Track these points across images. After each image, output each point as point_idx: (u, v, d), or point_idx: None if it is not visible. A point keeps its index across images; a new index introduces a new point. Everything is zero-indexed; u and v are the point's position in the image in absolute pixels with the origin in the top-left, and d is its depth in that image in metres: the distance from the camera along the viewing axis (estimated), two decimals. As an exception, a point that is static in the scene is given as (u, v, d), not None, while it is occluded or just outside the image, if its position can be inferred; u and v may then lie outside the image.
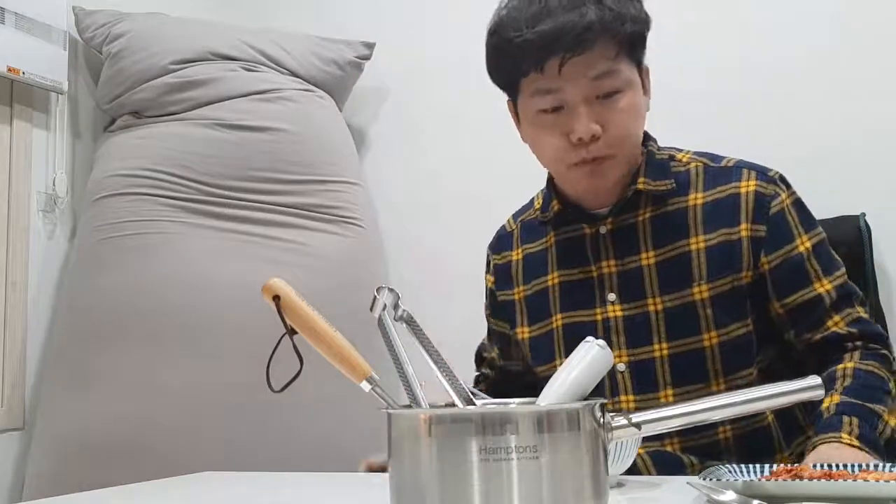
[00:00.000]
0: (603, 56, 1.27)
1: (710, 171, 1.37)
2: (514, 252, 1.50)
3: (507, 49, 1.31)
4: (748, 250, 1.31)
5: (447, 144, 2.52)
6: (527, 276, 1.46)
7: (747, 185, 1.34)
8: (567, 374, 0.83)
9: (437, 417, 0.74)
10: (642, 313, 1.33)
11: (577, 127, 1.28)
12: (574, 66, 1.26)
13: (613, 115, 1.29)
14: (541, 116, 1.32)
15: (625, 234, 1.36)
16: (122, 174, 2.16)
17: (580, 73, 1.27)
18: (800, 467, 1.00)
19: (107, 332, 2.03)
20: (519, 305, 1.47)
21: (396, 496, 0.78)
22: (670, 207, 1.35)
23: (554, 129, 1.31)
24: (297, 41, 2.44)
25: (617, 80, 1.29)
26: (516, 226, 1.52)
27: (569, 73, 1.27)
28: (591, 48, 1.26)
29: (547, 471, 0.72)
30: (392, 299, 0.87)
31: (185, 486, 1.32)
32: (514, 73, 1.33)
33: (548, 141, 1.32)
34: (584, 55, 1.26)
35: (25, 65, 2.09)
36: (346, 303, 1.62)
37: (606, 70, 1.28)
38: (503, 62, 1.34)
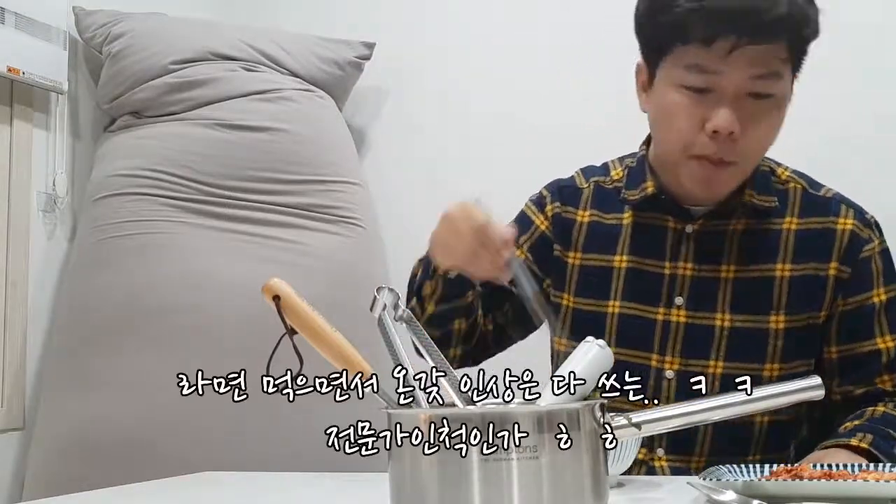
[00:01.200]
0: (775, 55, 1.17)
1: (807, 197, 1.31)
2: (580, 211, 1.38)
3: (676, 9, 1.17)
4: (831, 290, 1.26)
5: (447, 144, 2.52)
6: (589, 245, 1.35)
7: (844, 223, 1.28)
8: (567, 373, 0.83)
9: (437, 417, 0.74)
10: (707, 326, 1.26)
11: (719, 119, 1.17)
12: (744, 55, 1.15)
13: (757, 122, 1.20)
14: (682, 92, 1.20)
15: (710, 240, 1.29)
16: (122, 174, 2.16)
17: (747, 64, 1.16)
18: (800, 467, 1.00)
19: (107, 332, 2.03)
20: (570, 271, 1.36)
21: (396, 496, 0.78)
22: (764, 226, 1.28)
23: (692, 112, 1.20)
24: (297, 41, 2.44)
25: (775, 86, 1.19)
26: (588, 185, 1.40)
27: (736, 60, 1.16)
28: (770, 42, 1.16)
29: (547, 471, 0.73)
30: (392, 299, 0.87)
31: (185, 486, 1.32)
32: (673, 36, 1.19)
33: (680, 121, 1.21)
34: (762, 47, 1.15)
35: (25, 65, 2.09)
36: (346, 303, 1.62)
37: (772, 71, 1.18)
38: (664, 20, 1.19)
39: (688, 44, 1.18)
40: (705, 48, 1.16)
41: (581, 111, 2.36)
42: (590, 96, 2.36)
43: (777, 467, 1.02)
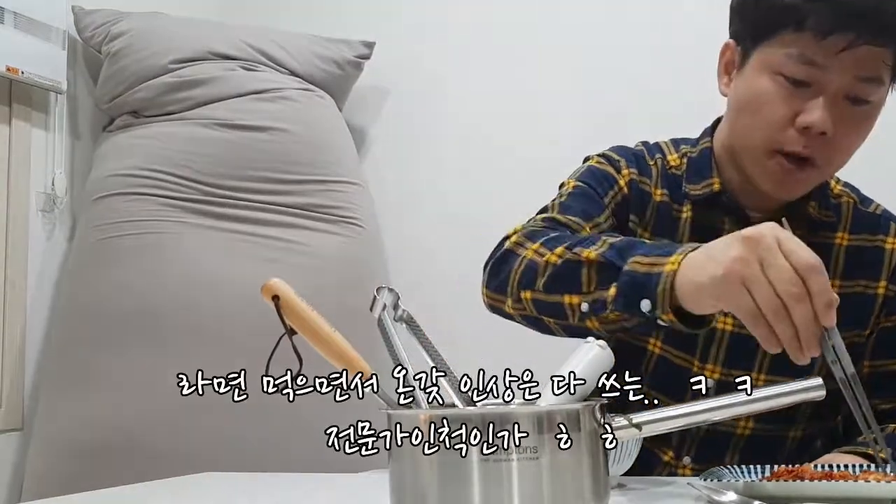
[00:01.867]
0: (882, 59, 1.12)
1: (858, 214, 1.28)
2: (654, 187, 1.28)
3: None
4: (879, 309, 1.25)
5: (447, 144, 2.51)
6: (659, 230, 1.27)
7: (894, 242, 1.27)
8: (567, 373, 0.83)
9: (437, 417, 0.73)
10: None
11: (813, 115, 1.12)
12: (854, 55, 1.09)
13: (849, 127, 1.15)
14: (778, 81, 1.13)
15: None
16: (121, 174, 2.16)
17: (856, 65, 1.11)
18: (800, 468, 0.99)
19: (106, 332, 2.03)
20: None
21: (396, 496, 0.77)
22: (817, 239, 1.23)
23: (786, 102, 1.13)
24: (297, 41, 2.44)
25: (876, 92, 1.14)
26: (655, 162, 1.31)
27: (845, 58, 1.10)
28: (885, 46, 1.10)
29: (547, 471, 0.72)
30: (392, 299, 0.87)
31: (185, 486, 1.32)
32: (786, 20, 1.12)
33: (770, 111, 1.14)
34: (878, 50, 1.10)
35: (24, 64, 2.09)
36: (346, 303, 1.62)
37: (876, 77, 1.13)
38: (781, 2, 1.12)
39: (800, 32, 1.10)
40: (818, 40, 1.09)
41: (582, 111, 2.36)
42: (591, 96, 2.36)
43: (777, 468, 1.02)
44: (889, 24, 1.10)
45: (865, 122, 1.17)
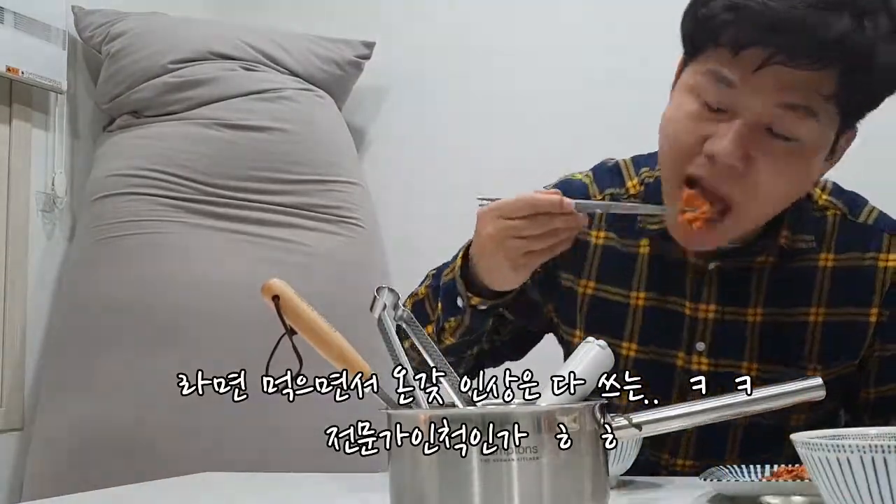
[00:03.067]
0: (815, 87, 0.96)
1: (845, 227, 1.13)
2: (594, 231, 1.19)
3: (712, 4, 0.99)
4: (871, 337, 1.12)
5: (447, 144, 2.51)
6: (604, 274, 1.18)
7: (886, 260, 1.11)
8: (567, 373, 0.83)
9: (437, 417, 0.73)
10: (732, 374, 1.07)
11: (720, 142, 0.99)
12: (775, 74, 0.96)
13: (769, 165, 1.00)
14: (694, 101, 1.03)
15: (735, 279, 1.12)
16: (121, 174, 2.16)
17: (776, 88, 0.97)
18: (800, 468, 0.99)
19: (106, 332, 2.03)
20: (581, 302, 1.19)
21: (396, 496, 0.77)
22: (797, 263, 1.12)
23: (697, 125, 1.02)
24: (297, 41, 2.44)
25: (802, 126, 0.98)
26: (603, 197, 1.21)
27: (764, 80, 0.97)
28: (811, 68, 0.95)
29: (547, 471, 0.72)
30: (392, 299, 0.87)
31: (185, 486, 1.32)
32: (706, 36, 1.01)
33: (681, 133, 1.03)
34: (798, 71, 0.95)
35: (24, 64, 2.09)
36: (346, 303, 1.62)
37: (803, 106, 0.97)
38: (701, 16, 1.01)
39: (716, 47, 0.99)
40: (731, 55, 0.97)
41: (583, 111, 2.36)
42: (592, 96, 2.36)
43: (778, 468, 1.02)
44: (813, 42, 0.94)
45: (794, 164, 1.01)
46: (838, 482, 0.70)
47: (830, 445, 0.69)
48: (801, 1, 0.93)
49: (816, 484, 0.73)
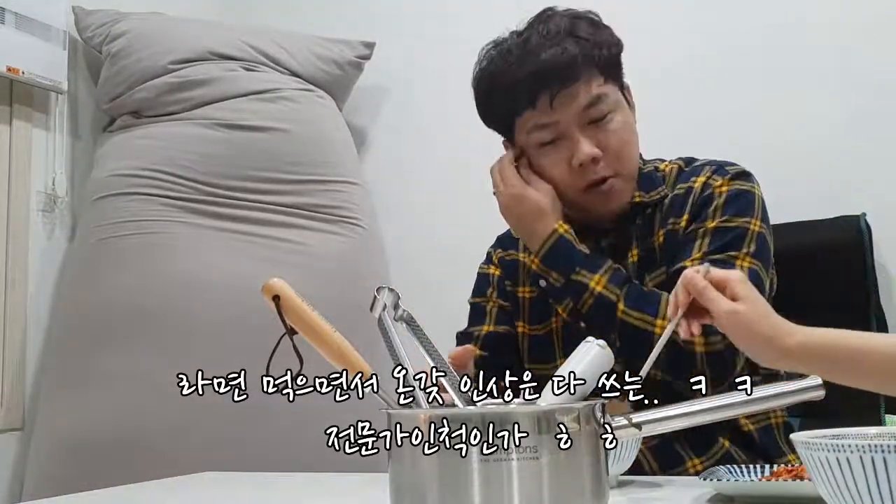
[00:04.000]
0: (589, 84, 1.36)
1: (681, 173, 1.45)
2: (521, 254, 1.53)
3: (499, 92, 1.40)
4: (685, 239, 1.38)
5: (447, 144, 2.51)
6: (533, 281, 1.48)
7: (702, 180, 1.40)
8: (567, 373, 0.83)
9: (437, 417, 0.73)
10: None
11: (578, 153, 1.36)
12: (564, 98, 1.35)
13: (609, 136, 1.37)
14: (542, 150, 1.39)
15: (623, 247, 1.42)
16: (121, 174, 2.16)
17: (571, 103, 1.35)
18: (800, 467, 1.00)
19: (106, 332, 2.03)
20: (522, 303, 1.50)
21: (396, 496, 0.77)
22: (651, 210, 1.42)
23: (557, 159, 1.38)
24: (297, 41, 2.44)
25: (606, 104, 1.37)
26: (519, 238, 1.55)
27: (560, 104, 1.35)
28: (578, 79, 1.35)
29: (547, 471, 0.73)
30: (392, 299, 0.87)
31: (185, 486, 1.32)
32: (509, 113, 1.41)
33: (554, 171, 1.39)
34: (572, 86, 1.35)
35: (25, 64, 2.09)
36: (346, 303, 1.62)
37: (595, 96, 1.36)
38: (496, 105, 1.43)
39: (521, 113, 1.38)
40: (534, 109, 1.37)
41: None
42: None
43: (777, 468, 1.02)
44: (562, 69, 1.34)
45: (622, 122, 1.39)
46: (838, 482, 0.70)
47: (830, 445, 0.69)
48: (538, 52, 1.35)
49: (816, 484, 0.73)
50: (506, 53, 1.40)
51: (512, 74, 1.38)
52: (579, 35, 1.38)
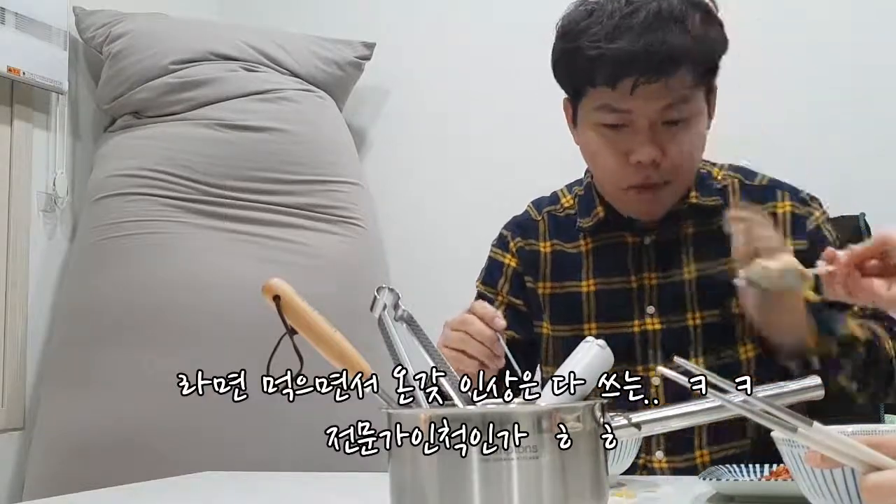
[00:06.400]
0: (679, 84, 1.23)
1: (745, 189, 1.37)
2: (541, 243, 1.43)
3: (579, 57, 1.25)
4: None
5: (447, 144, 2.52)
6: (556, 275, 1.41)
7: (783, 206, 1.34)
8: (567, 373, 0.83)
9: (437, 417, 0.74)
10: (681, 327, 1.32)
11: (639, 151, 1.25)
12: (648, 91, 1.22)
13: (677, 143, 1.26)
14: (601, 130, 1.28)
15: (668, 247, 1.35)
16: (122, 174, 2.16)
17: (653, 97, 1.23)
18: (800, 467, 0.99)
19: (107, 332, 2.03)
20: (543, 300, 1.41)
21: (396, 496, 0.78)
22: (714, 225, 1.32)
23: (614, 148, 1.27)
24: (297, 41, 2.44)
25: (687, 109, 1.26)
26: (542, 217, 1.46)
27: (641, 95, 1.23)
28: (670, 75, 1.22)
29: (547, 471, 0.73)
30: (392, 299, 0.87)
31: (185, 486, 1.32)
32: (583, 81, 1.28)
33: (605, 158, 1.29)
34: (661, 81, 1.22)
35: (26, 65, 2.09)
36: (347, 303, 1.62)
37: (680, 98, 1.24)
38: (572, 68, 1.29)
39: (596, 87, 1.26)
40: (611, 90, 1.24)
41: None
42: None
43: (777, 467, 1.02)
44: (662, 61, 1.21)
45: (692, 133, 1.27)
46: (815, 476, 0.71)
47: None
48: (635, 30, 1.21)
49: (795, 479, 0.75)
50: (605, 16, 1.23)
51: (602, 44, 1.22)
52: (688, 26, 1.23)
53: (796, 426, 0.65)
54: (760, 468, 1.03)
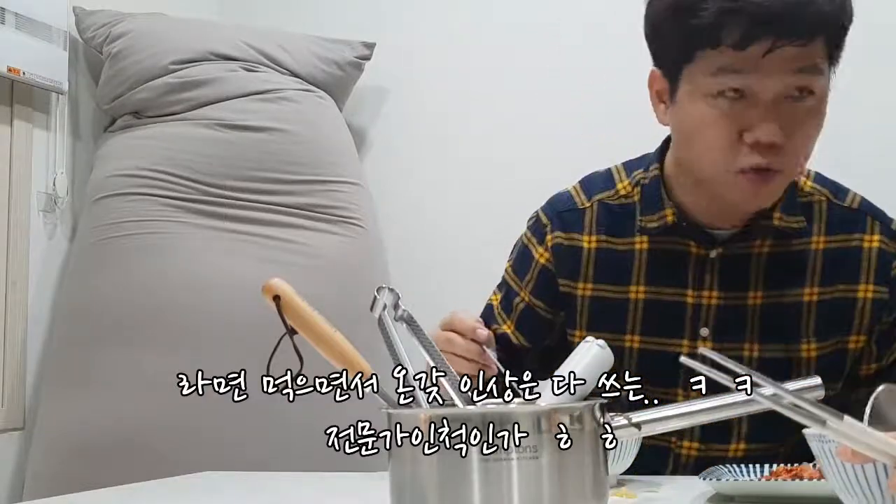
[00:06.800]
0: (816, 52, 1.07)
1: (834, 211, 1.22)
2: (585, 237, 1.26)
3: (704, 11, 1.05)
4: (868, 313, 1.19)
5: (447, 144, 2.52)
6: (600, 275, 1.25)
7: (871, 240, 1.20)
8: (567, 373, 0.83)
9: (437, 417, 0.74)
10: (736, 356, 1.12)
11: (762, 128, 1.07)
12: (781, 56, 1.05)
13: (802, 125, 1.10)
14: (714, 103, 1.09)
15: (735, 265, 1.19)
16: (122, 174, 2.16)
17: (785, 64, 1.06)
18: (800, 468, 1.00)
19: (107, 332, 2.03)
20: (581, 304, 1.26)
21: (396, 496, 0.77)
22: (791, 247, 1.19)
23: (727, 122, 1.09)
24: (297, 41, 2.44)
25: (816, 83, 1.09)
26: (591, 205, 1.28)
27: (773, 61, 1.05)
28: (811, 40, 1.05)
29: (547, 471, 0.73)
30: (392, 299, 0.87)
31: (185, 486, 1.32)
32: (702, 41, 1.07)
33: (715, 134, 1.10)
34: (798, 47, 1.05)
35: (26, 65, 2.09)
36: (346, 303, 1.62)
37: (811, 67, 1.08)
38: (686, 24, 1.07)
39: (718, 47, 1.06)
40: (739, 51, 1.05)
41: (584, 112, 2.36)
42: (593, 97, 2.36)
43: (777, 467, 1.02)
44: (808, 22, 1.05)
45: (816, 115, 1.12)
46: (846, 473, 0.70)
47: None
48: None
49: (827, 475, 0.74)
50: None
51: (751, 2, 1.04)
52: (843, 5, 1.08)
53: (825, 419, 0.61)
54: (761, 468, 1.03)
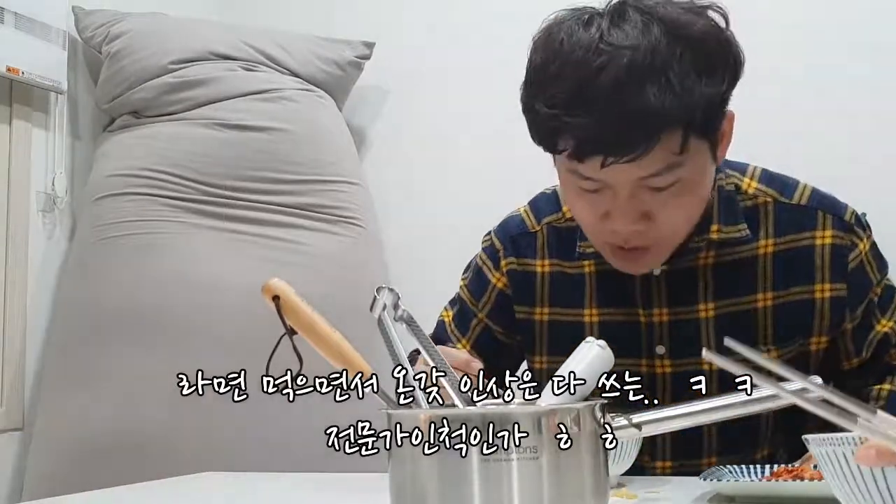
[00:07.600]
0: (664, 151, 1.00)
1: (781, 211, 1.18)
2: (538, 262, 1.27)
3: (539, 117, 1.05)
4: (827, 313, 1.17)
5: (447, 144, 2.51)
6: (555, 298, 1.25)
7: (823, 236, 1.16)
8: (567, 373, 0.83)
9: (437, 417, 0.73)
10: (695, 371, 1.11)
11: (619, 221, 1.05)
12: (620, 168, 1.01)
13: (664, 205, 1.05)
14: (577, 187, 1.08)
15: (681, 280, 1.17)
16: (121, 174, 2.16)
17: (628, 172, 1.01)
18: (800, 468, 1.00)
19: (106, 332, 2.03)
20: (539, 329, 1.26)
21: (396, 496, 0.77)
22: (737, 255, 1.16)
23: (589, 206, 1.08)
24: (297, 41, 2.44)
25: (677, 174, 1.03)
26: (541, 228, 1.28)
27: (614, 171, 1.01)
28: (647, 151, 0.99)
29: (547, 471, 0.72)
30: (392, 299, 0.87)
31: (186, 486, 1.32)
32: (548, 146, 1.08)
33: (581, 211, 1.10)
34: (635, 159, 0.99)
35: (25, 64, 2.09)
36: (346, 303, 1.62)
37: (665, 166, 1.02)
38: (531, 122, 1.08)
39: (560, 153, 1.06)
40: (578, 162, 1.03)
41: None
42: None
43: (777, 467, 1.02)
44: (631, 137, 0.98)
45: (691, 194, 1.07)
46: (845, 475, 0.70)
47: (837, 439, 0.69)
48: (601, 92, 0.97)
49: (827, 479, 0.74)
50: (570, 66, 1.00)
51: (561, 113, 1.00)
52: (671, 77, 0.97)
53: (857, 415, 0.57)
54: (762, 468, 1.03)
